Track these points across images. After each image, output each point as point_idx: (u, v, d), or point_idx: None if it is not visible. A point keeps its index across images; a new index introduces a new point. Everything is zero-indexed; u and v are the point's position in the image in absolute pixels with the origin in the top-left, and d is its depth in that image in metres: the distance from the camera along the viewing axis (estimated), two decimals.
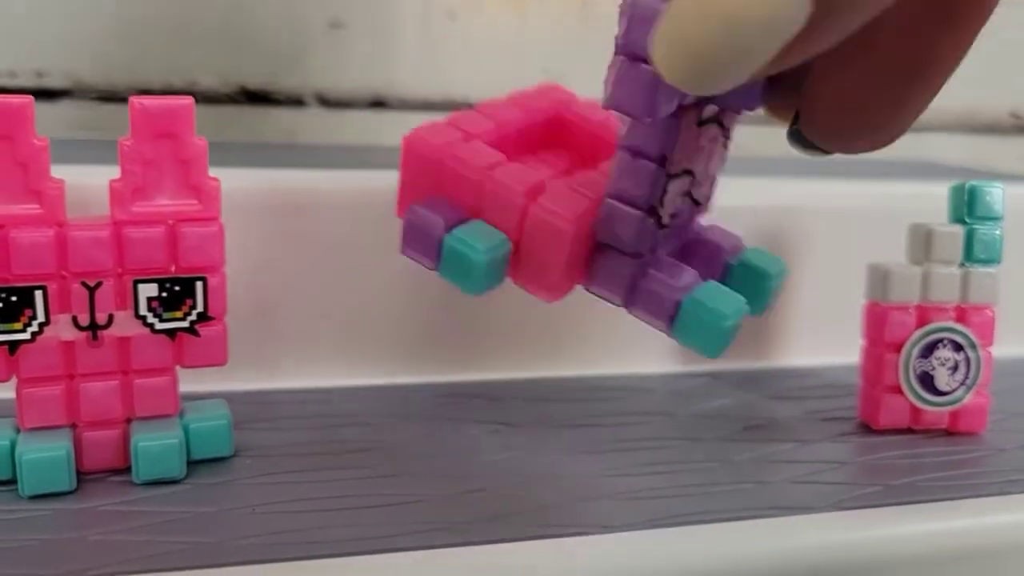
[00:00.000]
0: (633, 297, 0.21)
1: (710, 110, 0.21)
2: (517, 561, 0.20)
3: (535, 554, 0.20)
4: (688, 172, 0.22)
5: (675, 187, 0.21)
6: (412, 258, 0.22)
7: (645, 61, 0.18)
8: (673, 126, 0.20)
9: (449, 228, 0.21)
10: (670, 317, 0.21)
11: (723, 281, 0.23)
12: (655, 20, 0.16)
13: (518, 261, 0.21)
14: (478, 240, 0.21)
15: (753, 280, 0.22)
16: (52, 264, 0.21)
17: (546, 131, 0.26)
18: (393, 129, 0.45)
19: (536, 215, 0.21)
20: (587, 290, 0.22)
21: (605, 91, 0.19)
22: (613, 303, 0.22)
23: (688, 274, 0.21)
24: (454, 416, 0.27)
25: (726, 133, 0.23)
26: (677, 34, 0.15)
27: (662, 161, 0.20)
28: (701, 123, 0.21)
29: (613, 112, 0.19)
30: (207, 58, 0.42)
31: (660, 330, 0.21)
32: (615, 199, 0.21)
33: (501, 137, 0.23)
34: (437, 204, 0.22)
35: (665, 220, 0.21)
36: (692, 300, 0.21)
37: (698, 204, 0.23)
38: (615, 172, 0.21)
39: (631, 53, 0.19)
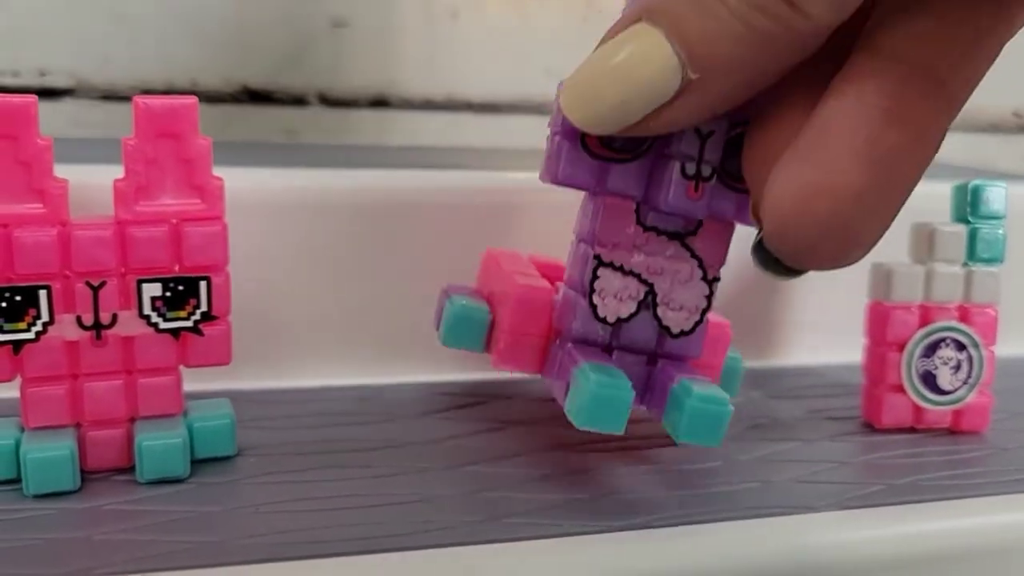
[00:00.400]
0: (555, 375, 0.23)
1: (660, 219, 0.22)
2: (520, 560, 0.20)
3: (537, 553, 0.20)
4: (636, 277, 0.22)
5: (613, 281, 0.22)
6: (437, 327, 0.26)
7: (558, 133, 0.21)
8: (599, 205, 0.22)
9: (449, 295, 0.25)
10: (566, 389, 0.22)
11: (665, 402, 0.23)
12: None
13: (491, 333, 0.25)
14: (461, 299, 0.25)
15: (677, 399, 0.22)
16: (56, 264, 0.21)
17: None
18: (395, 128, 0.45)
19: (504, 287, 0.24)
20: (543, 377, 0.24)
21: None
22: (549, 389, 0.23)
23: (605, 360, 0.22)
24: (457, 415, 0.28)
25: (705, 267, 0.23)
26: (577, 78, 0.19)
27: (591, 241, 0.22)
28: (650, 228, 0.22)
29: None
30: (209, 57, 0.42)
31: (562, 405, 0.22)
32: (565, 284, 0.23)
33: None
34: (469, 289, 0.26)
35: (603, 313, 0.22)
36: (579, 370, 0.21)
37: (673, 334, 0.23)
38: (568, 260, 0.24)
39: (552, 129, 0.22)
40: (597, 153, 0.21)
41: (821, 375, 0.32)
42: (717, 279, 0.23)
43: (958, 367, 0.28)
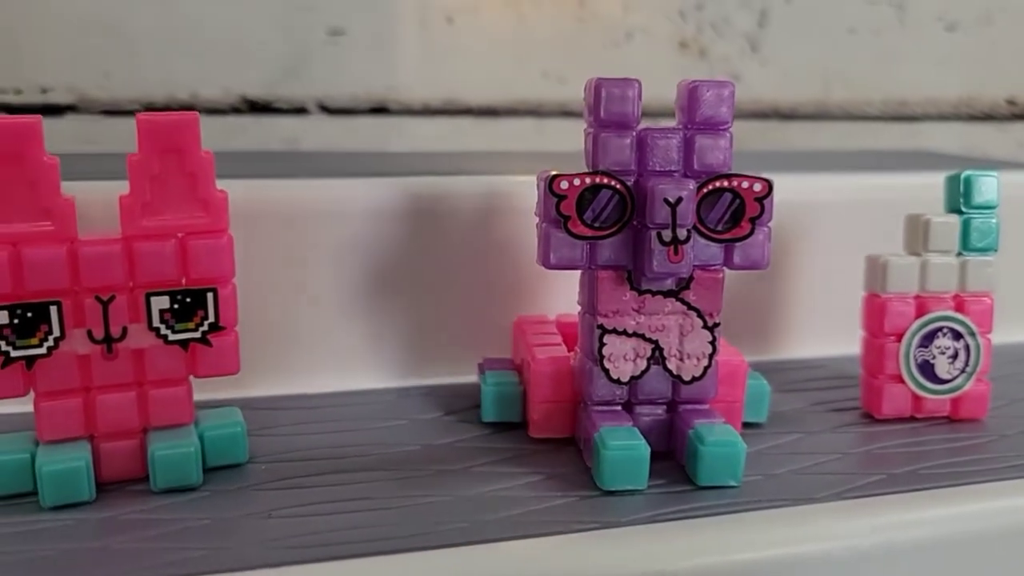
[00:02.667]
0: (583, 436, 0.25)
1: (652, 281, 0.24)
2: (529, 558, 0.20)
3: (547, 550, 0.21)
4: (642, 337, 0.24)
5: (620, 345, 0.24)
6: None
7: (544, 221, 0.23)
8: (594, 279, 0.24)
9: (484, 372, 0.28)
10: (590, 449, 0.24)
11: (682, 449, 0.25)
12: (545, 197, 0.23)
13: (525, 404, 0.27)
14: (495, 377, 0.27)
15: (692, 446, 0.24)
16: (66, 280, 0.22)
17: None
18: (395, 133, 0.45)
19: (529, 361, 0.26)
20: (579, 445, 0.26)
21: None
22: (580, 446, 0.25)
23: (626, 420, 0.24)
24: (463, 418, 0.28)
25: (704, 316, 0.24)
26: None
27: (593, 312, 0.24)
28: (645, 291, 0.24)
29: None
30: (208, 69, 0.43)
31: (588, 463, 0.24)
32: (580, 352, 0.25)
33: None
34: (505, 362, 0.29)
35: (616, 375, 0.24)
36: (599, 432, 0.23)
37: (685, 381, 0.25)
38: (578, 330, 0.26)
39: (538, 216, 0.24)
40: (581, 234, 0.23)
41: (822, 367, 0.33)
42: (717, 324, 0.24)
43: (955, 356, 0.28)
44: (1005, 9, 0.52)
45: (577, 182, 0.23)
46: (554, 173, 0.23)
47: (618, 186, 0.23)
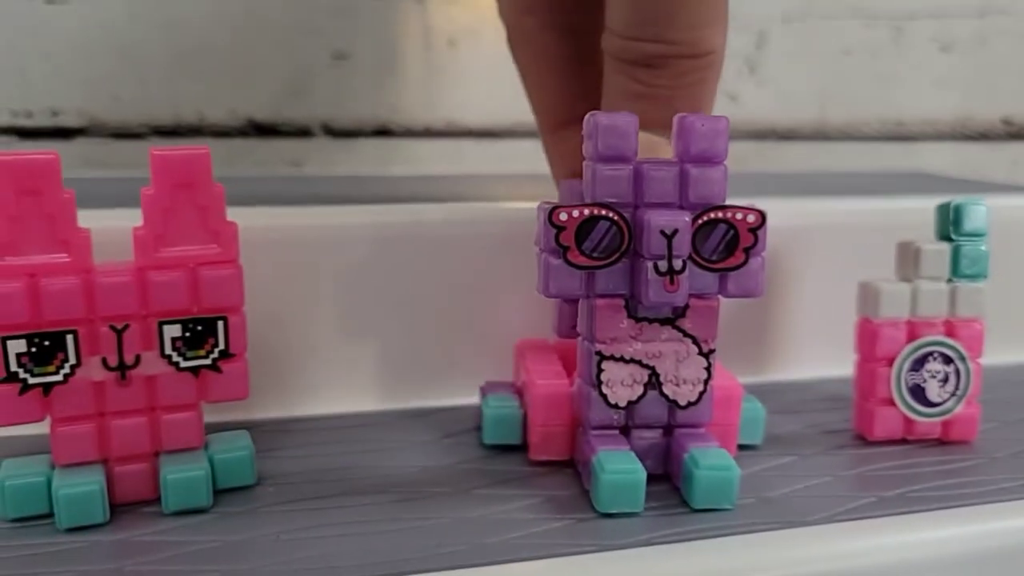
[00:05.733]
0: (581, 461, 0.26)
1: (649, 310, 0.25)
2: None
3: (544, 573, 0.21)
4: (639, 363, 0.25)
5: (618, 371, 0.25)
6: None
7: (544, 251, 0.24)
8: (593, 310, 0.25)
9: (485, 396, 0.29)
10: (589, 474, 0.25)
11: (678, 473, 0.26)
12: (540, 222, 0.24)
13: (525, 427, 0.28)
14: (496, 400, 0.28)
15: (687, 470, 0.24)
16: (82, 309, 0.22)
17: None
18: (398, 156, 0.46)
19: (528, 385, 0.27)
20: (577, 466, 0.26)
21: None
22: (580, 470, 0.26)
23: (623, 444, 0.25)
24: (467, 440, 0.29)
25: (700, 343, 0.25)
26: None
27: (592, 340, 0.25)
28: (642, 319, 0.25)
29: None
30: (215, 93, 0.44)
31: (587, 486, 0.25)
32: (579, 378, 0.26)
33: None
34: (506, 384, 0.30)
35: (614, 400, 0.25)
36: (596, 457, 0.24)
37: (681, 406, 0.25)
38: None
39: (539, 246, 0.24)
40: (580, 264, 0.24)
41: (816, 390, 0.33)
42: (713, 351, 0.25)
43: (946, 380, 0.29)
44: (999, 30, 0.53)
45: (576, 213, 0.24)
46: (554, 205, 0.24)
47: (615, 217, 0.24)
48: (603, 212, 0.24)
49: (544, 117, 0.31)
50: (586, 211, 0.24)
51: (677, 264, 0.23)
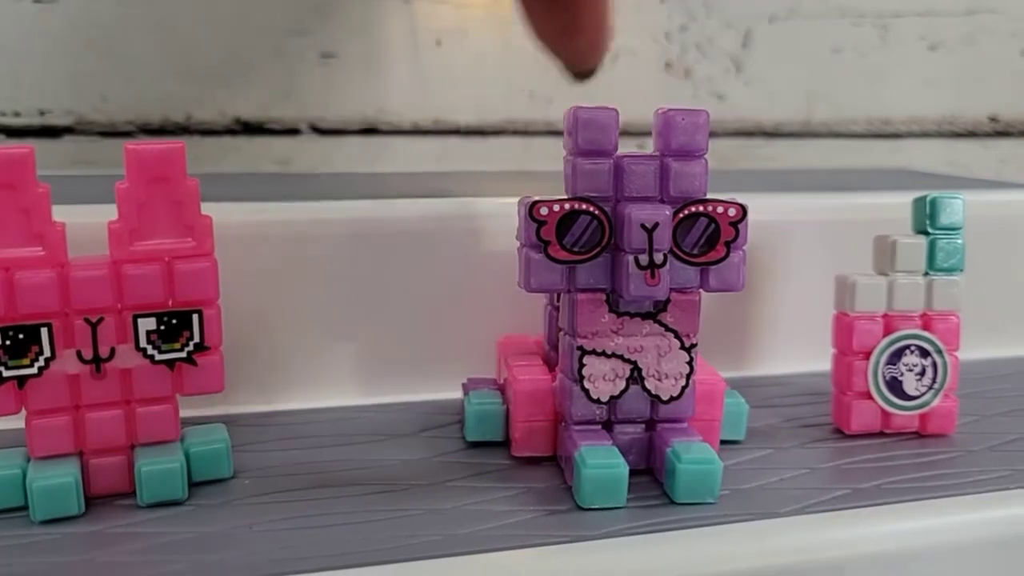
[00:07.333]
0: (563, 456, 0.26)
1: (630, 304, 0.25)
2: (499, 570, 0.21)
3: (515, 563, 0.21)
4: (620, 358, 0.25)
5: (599, 365, 0.25)
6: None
7: (525, 246, 0.24)
8: (575, 305, 0.25)
9: (468, 393, 0.29)
10: (571, 469, 0.25)
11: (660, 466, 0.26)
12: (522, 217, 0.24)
13: (507, 423, 0.28)
14: (478, 397, 0.28)
15: (670, 464, 0.24)
16: (56, 303, 0.23)
17: None
18: (385, 154, 0.46)
19: (510, 381, 0.27)
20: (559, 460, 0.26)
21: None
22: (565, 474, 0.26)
23: (605, 439, 0.25)
24: (442, 433, 0.29)
25: (682, 337, 0.25)
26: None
27: (573, 334, 0.25)
28: (623, 313, 0.25)
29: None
30: (203, 91, 0.44)
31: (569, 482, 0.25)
32: (561, 373, 0.26)
33: None
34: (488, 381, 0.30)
35: (596, 395, 0.25)
36: (578, 452, 0.24)
37: (664, 401, 0.25)
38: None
39: (520, 241, 0.25)
40: (560, 259, 0.24)
41: (794, 384, 0.34)
42: (695, 345, 0.25)
43: (923, 373, 0.29)
44: (986, 29, 0.53)
45: (556, 208, 0.24)
46: (535, 199, 0.24)
47: (596, 212, 0.24)
48: (584, 207, 0.24)
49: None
50: (567, 205, 0.24)
51: (658, 258, 0.23)
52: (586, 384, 0.25)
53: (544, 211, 0.24)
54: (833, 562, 0.23)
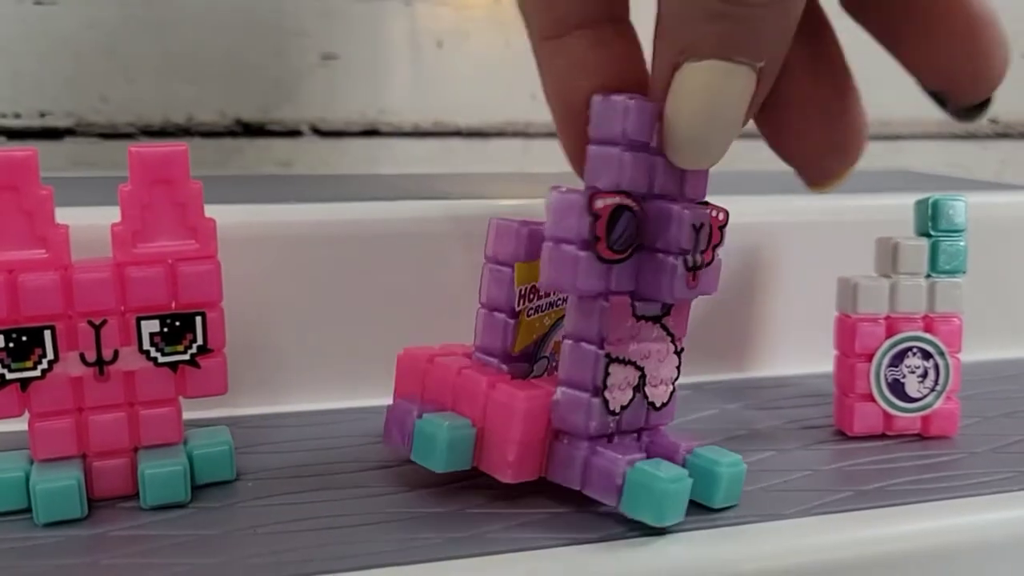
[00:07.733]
0: (585, 477, 0.23)
1: (648, 307, 0.23)
2: (500, 573, 0.21)
3: (517, 565, 0.21)
4: (633, 365, 0.23)
5: (619, 373, 0.23)
6: (391, 446, 0.25)
7: (568, 243, 0.22)
8: (605, 310, 0.22)
9: (421, 415, 0.24)
10: (618, 489, 0.22)
11: None
12: (573, 209, 0.21)
13: (482, 447, 0.24)
14: (444, 419, 0.24)
15: (704, 470, 0.23)
16: (59, 305, 0.23)
17: None
18: (386, 155, 0.46)
19: (495, 399, 0.24)
20: (549, 479, 0.24)
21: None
22: (572, 487, 0.24)
23: (635, 451, 0.23)
24: None
25: (676, 341, 0.24)
26: (685, 143, 0.21)
27: (600, 343, 0.23)
28: (640, 318, 0.23)
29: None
30: (204, 93, 0.44)
31: (611, 504, 0.23)
32: (564, 386, 0.23)
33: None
34: (415, 399, 0.25)
35: (613, 406, 0.23)
36: (635, 470, 0.22)
37: (656, 408, 0.24)
38: (562, 362, 0.23)
39: (555, 238, 0.22)
40: (607, 258, 0.22)
41: (797, 385, 0.34)
42: (683, 349, 0.24)
43: (925, 375, 0.29)
44: None
45: (610, 201, 0.22)
46: (593, 189, 0.22)
47: (637, 208, 0.22)
48: (628, 202, 0.22)
49: (538, 16, 0.23)
50: (617, 199, 0.22)
51: (700, 259, 0.23)
52: (607, 395, 0.23)
53: (600, 204, 0.21)
54: (836, 564, 0.23)
